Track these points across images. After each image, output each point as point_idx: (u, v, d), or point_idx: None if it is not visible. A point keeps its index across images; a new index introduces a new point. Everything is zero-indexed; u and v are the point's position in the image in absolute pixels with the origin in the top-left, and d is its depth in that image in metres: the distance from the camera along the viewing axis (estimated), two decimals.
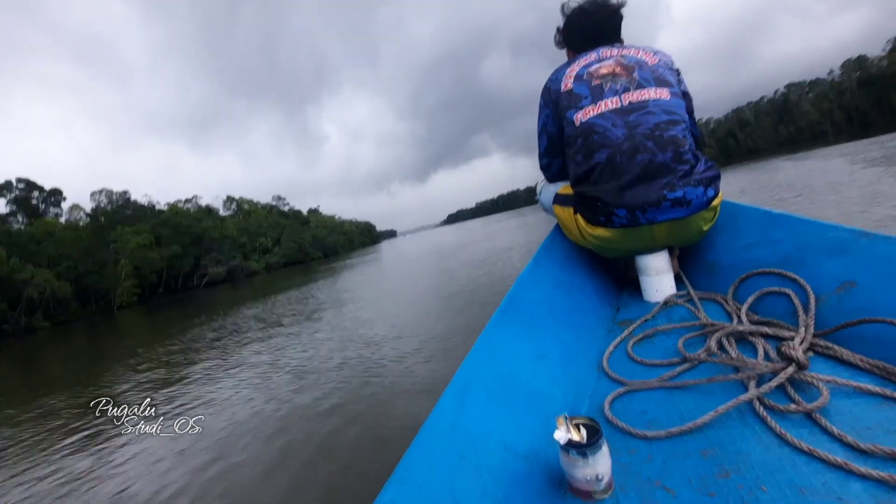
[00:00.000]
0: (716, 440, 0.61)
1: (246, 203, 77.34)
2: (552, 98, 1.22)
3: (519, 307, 0.99)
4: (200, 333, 8.59)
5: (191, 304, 20.86)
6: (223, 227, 55.37)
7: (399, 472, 0.55)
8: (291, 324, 7.18)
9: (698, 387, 0.74)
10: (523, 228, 17.98)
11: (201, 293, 33.29)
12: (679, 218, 1.03)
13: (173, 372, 5.45)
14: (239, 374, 4.49)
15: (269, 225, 68.61)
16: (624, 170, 1.03)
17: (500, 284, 6.24)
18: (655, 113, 1.03)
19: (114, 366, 6.99)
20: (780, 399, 0.64)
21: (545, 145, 1.33)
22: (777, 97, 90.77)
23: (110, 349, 10.18)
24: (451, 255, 12.76)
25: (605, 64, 1.13)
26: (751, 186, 12.19)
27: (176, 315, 16.10)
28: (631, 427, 0.68)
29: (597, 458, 0.57)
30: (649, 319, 1.07)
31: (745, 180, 14.39)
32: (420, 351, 3.96)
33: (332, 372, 3.85)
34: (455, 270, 9.42)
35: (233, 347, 6.26)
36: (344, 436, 2.64)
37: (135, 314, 23.88)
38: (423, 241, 31.84)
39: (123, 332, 14.94)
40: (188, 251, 48.06)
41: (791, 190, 9.47)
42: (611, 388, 0.82)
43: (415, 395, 3.02)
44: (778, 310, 0.89)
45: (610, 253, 1.23)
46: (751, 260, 1.06)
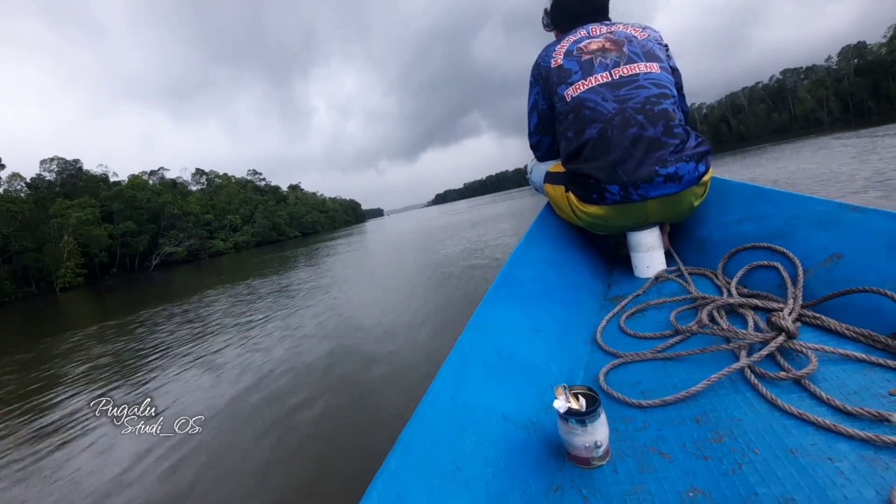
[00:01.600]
0: (709, 407, 0.67)
1: (217, 177, 74.75)
2: (542, 74, 1.25)
3: (513, 284, 1.04)
4: (132, 322, 8.17)
5: (141, 286, 20.18)
6: (185, 203, 53.32)
7: (402, 441, 0.58)
8: (246, 312, 6.91)
9: (691, 357, 0.80)
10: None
11: (157, 275, 31.98)
12: (671, 194, 1.08)
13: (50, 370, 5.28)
14: (170, 375, 4.18)
15: (240, 201, 66.90)
16: (615, 144, 1.07)
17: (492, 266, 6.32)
18: (646, 87, 1.07)
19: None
20: (771, 367, 0.70)
21: (535, 122, 1.36)
22: (772, 83, 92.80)
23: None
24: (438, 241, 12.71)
25: (595, 40, 1.17)
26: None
27: (120, 299, 15.53)
28: (626, 397, 0.74)
29: (595, 426, 0.60)
30: (641, 294, 1.14)
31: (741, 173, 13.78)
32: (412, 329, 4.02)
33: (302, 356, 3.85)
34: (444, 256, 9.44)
35: (155, 340, 5.86)
36: (335, 414, 2.70)
37: (79, 296, 22.70)
38: (409, 221, 31.38)
39: (45, 317, 14.26)
40: (145, 228, 46.14)
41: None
42: (605, 361, 0.88)
43: (410, 372, 3.10)
44: (767, 283, 0.96)
45: (602, 230, 1.28)
46: (740, 235, 1.13)
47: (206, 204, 59.17)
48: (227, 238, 57.87)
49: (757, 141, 59.82)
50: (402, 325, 4.32)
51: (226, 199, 65.43)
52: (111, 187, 47.46)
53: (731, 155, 23.52)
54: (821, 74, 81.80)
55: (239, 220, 61.84)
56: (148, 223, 47.00)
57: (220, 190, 68.36)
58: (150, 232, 46.73)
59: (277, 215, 73.39)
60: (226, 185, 70.99)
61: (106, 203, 44.38)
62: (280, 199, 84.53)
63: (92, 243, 38.40)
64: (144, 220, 46.76)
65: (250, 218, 66.19)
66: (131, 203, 46.15)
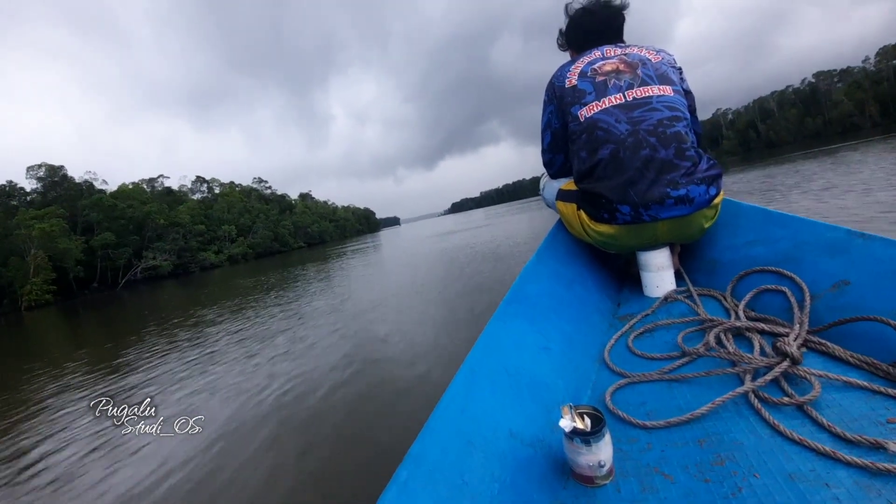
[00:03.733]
0: (712, 430, 0.74)
1: (219, 185, 76.23)
2: (556, 94, 1.35)
3: (522, 300, 1.13)
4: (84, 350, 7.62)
5: (117, 304, 20.00)
6: (172, 213, 53.54)
7: (412, 454, 0.63)
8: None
9: (696, 379, 0.87)
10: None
11: (141, 289, 31.83)
12: (681, 216, 1.17)
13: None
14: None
15: (239, 210, 67.72)
16: (627, 165, 1.16)
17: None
18: (659, 109, 1.17)
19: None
20: (774, 392, 0.77)
21: (548, 141, 1.47)
22: (804, 86, 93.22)
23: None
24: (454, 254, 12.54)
25: (610, 61, 1.27)
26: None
27: (84, 321, 15.24)
28: (631, 417, 0.81)
29: (599, 446, 0.66)
30: (649, 314, 1.22)
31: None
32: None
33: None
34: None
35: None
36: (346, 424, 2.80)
37: (43, 317, 22.26)
38: (424, 231, 31.06)
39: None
40: (127, 240, 46.28)
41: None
42: (612, 380, 0.96)
43: (420, 387, 3.20)
44: (774, 307, 1.04)
45: (612, 248, 1.37)
46: (749, 258, 1.21)
47: (200, 214, 59.54)
48: (222, 250, 58.13)
49: (788, 148, 59.70)
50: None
51: (225, 208, 65.99)
52: (92, 196, 47.48)
53: (764, 166, 20.82)
54: (857, 76, 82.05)
55: (235, 230, 62.21)
56: (131, 234, 47.05)
57: (222, 199, 69.13)
58: (132, 244, 46.71)
59: (281, 225, 74.33)
60: (228, 194, 71.86)
61: (84, 213, 44.50)
62: (285, 209, 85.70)
63: (61, 257, 37.62)
64: (127, 231, 46.82)
65: (250, 228, 66.86)
66: (110, 213, 46.06)
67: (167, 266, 47.74)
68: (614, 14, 1.42)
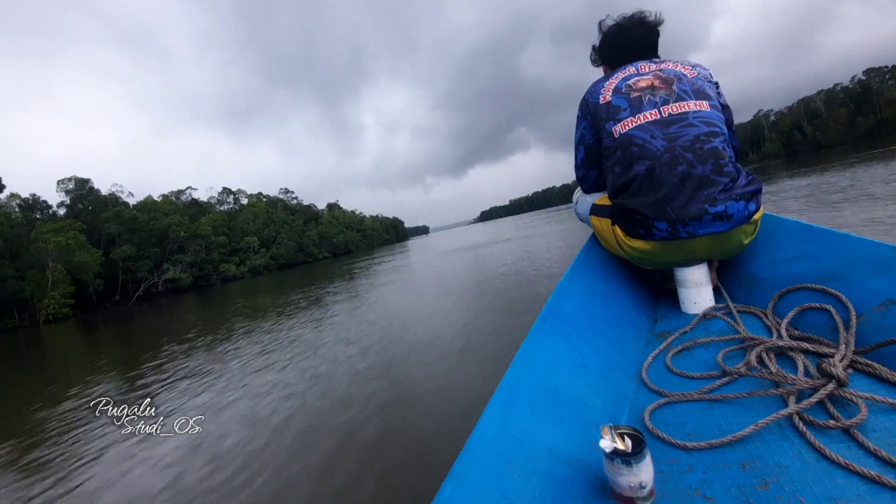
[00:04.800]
0: (755, 453, 0.75)
1: (245, 196, 79.03)
2: (590, 110, 1.39)
3: (558, 317, 1.16)
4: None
5: (135, 318, 20.45)
6: (194, 225, 55.15)
7: (455, 471, 0.68)
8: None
9: (738, 400, 0.89)
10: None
11: (162, 303, 32.68)
12: (720, 232, 1.18)
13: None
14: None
15: (263, 222, 69.64)
16: (663, 181, 1.18)
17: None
18: (695, 125, 1.19)
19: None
20: (820, 415, 0.79)
21: (582, 156, 1.52)
22: (854, 84, 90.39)
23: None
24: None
25: (644, 77, 1.31)
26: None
27: (99, 336, 15.28)
28: (671, 437, 0.83)
29: (640, 467, 0.68)
30: (688, 331, 1.24)
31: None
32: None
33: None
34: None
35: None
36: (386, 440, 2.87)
37: (60, 331, 22.83)
38: (449, 242, 30.88)
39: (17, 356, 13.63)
40: (147, 252, 47.81)
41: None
42: (650, 399, 0.98)
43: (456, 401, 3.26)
44: (818, 325, 1.05)
45: (648, 265, 1.39)
46: (791, 274, 1.22)
47: (222, 225, 61.26)
48: (245, 261, 59.59)
49: (838, 150, 57.54)
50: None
51: (250, 219, 67.90)
52: (116, 209, 48.98)
53: (814, 171, 18.83)
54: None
55: (257, 241, 63.68)
56: (152, 247, 48.55)
57: (248, 209, 71.33)
58: (153, 256, 48.12)
59: (306, 236, 76.13)
60: (254, 205, 74.09)
61: (106, 225, 46.19)
62: (311, 219, 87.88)
63: (79, 270, 38.55)
64: (148, 243, 48.32)
65: (275, 239, 68.43)
66: (131, 225, 47.53)
67: (187, 279, 48.98)
68: (648, 30, 1.46)
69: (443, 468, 0.67)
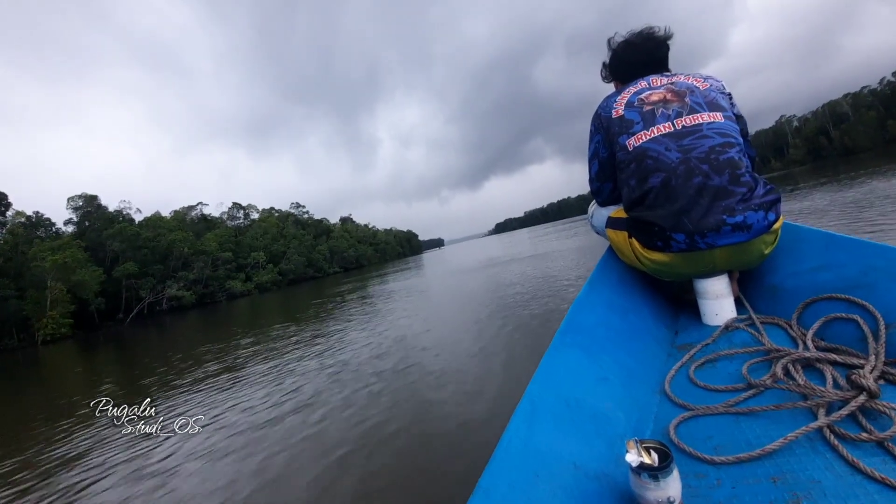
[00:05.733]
0: (786, 467, 0.76)
1: (255, 211, 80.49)
2: (603, 124, 1.44)
3: (577, 330, 1.19)
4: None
5: (135, 338, 20.06)
6: (199, 241, 55.69)
7: (481, 486, 0.69)
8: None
9: (765, 413, 0.90)
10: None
11: (155, 322, 32.58)
12: (739, 242, 1.20)
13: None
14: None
15: (272, 237, 70.57)
16: (679, 193, 1.21)
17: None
18: (710, 136, 1.22)
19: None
20: (851, 427, 0.79)
21: (596, 170, 1.55)
22: (883, 87, 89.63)
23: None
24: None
25: (656, 91, 1.34)
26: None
27: (95, 358, 14.81)
28: (698, 451, 0.84)
29: (668, 482, 0.69)
30: (710, 343, 1.25)
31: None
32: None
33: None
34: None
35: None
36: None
37: (58, 352, 22.57)
38: (463, 258, 30.67)
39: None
40: (151, 269, 48.32)
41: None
42: (674, 412, 0.99)
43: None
44: (845, 336, 1.05)
45: (667, 276, 1.41)
46: (815, 284, 1.23)
47: (229, 241, 61.92)
48: (252, 276, 60.14)
49: (867, 156, 56.64)
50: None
51: (259, 233, 68.86)
52: (117, 225, 49.52)
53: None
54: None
55: (264, 257, 64.16)
56: (155, 264, 49.06)
57: (258, 224, 72.61)
58: (156, 273, 48.64)
59: (317, 251, 77.12)
60: (264, 220, 75.38)
61: (109, 243, 46.78)
62: (322, 233, 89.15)
63: (78, 289, 38.55)
64: (151, 260, 48.82)
65: (283, 254, 69.15)
66: (133, 242, 47.95)
67: (190, 297, 49.21)
68: (658, 45, 1.50)
69: (466, 483, 0.69)
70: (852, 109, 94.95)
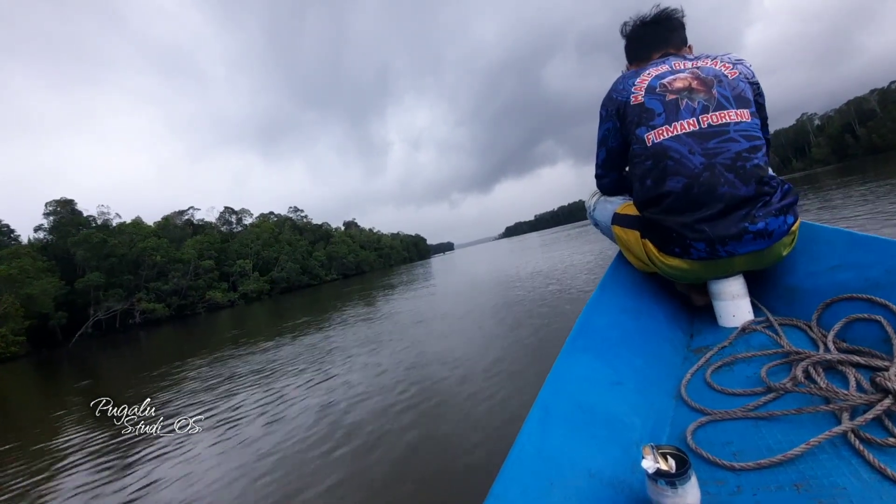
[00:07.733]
0: (809, 473, 0.78)
1: (249, 215, 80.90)
2: (619, 110, 1.41)
3: (590, 334, 1.21)
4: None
5: (95, 358, 19.30)
6: (174, 249, 54.88)
7: (494, 493, 0.71)
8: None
9: (786, 417, 0.92)
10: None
11: (140, 335, 31.72)
12: (760, 249, 1.23)
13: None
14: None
15: (264, 242, 70.40)
16: (703, 203, 1.21)
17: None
18: (737, 140, 1.21)
19: None
20: (878, 432, 0.81)
21: (603, 158, 1.56)
22: None
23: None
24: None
25: (680, 76, 1.32)
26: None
27: (43, 384, 13.84)
28: (717, 458, 0.86)
29: (686, 489, 0.71)
30: (727, 346, 1.27)
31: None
32: None
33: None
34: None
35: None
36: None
37: (10, 372, 21.72)
38: (473, 265, 30.41)
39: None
40: (119, 280, 47.59)
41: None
42: (690, 417, 1.01)
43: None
44: (868, 337, 1.07)
45: (682, 280, 1.43)
46: (834, 284, 1.25)
47: (212, 248, 61.48)
48: (240, 284, 59.80)
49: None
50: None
51: (250, 238, 68.76)
52: (87, 232, 48.42)
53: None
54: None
55: (250, 265, 63.71)
56: (125, 274, 48.39)
57: (249, 229, 72.88)
58: (125, 284, 47.92)
59: (313, 257, 77.46)
60: (258, 225, 75.68)
61: (72, 251, 46.05)
62: (320, 238, 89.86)
63: (33, 302, 37.41)
64: (120, 269, 48.13)
65: (276, 261, 69.06)
66: (99, 251, 46.86)
67: (163, 309, 48.59)
68: (668, 16, 1.51)
69: (478, 489, 0.72)
70: (880, 106, 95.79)
